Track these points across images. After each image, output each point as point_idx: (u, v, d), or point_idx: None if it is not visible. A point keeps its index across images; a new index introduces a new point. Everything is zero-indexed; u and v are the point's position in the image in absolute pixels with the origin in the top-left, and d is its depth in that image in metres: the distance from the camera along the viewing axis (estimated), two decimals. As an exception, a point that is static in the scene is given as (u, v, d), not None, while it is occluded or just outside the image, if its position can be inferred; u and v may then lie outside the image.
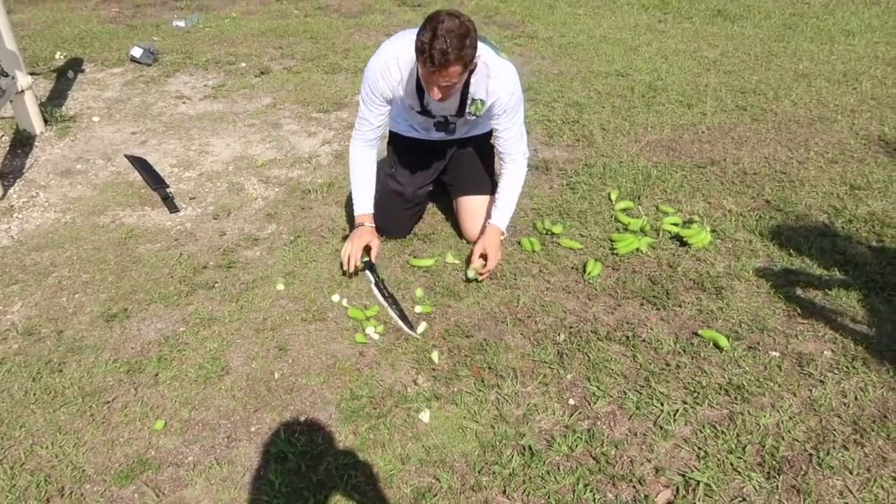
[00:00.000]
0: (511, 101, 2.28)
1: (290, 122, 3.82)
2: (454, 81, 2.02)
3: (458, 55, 1.92)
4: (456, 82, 2.04)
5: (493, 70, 2.21)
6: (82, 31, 5.37)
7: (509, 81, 2.24)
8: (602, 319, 2.25)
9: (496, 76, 2.22)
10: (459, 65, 1.95)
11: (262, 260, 2.59)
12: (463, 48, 1.92)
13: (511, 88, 2.25)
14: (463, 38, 1.92)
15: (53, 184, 3.19)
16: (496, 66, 2.21)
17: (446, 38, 1.89)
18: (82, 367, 2.06)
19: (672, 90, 4.12)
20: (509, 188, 2.49)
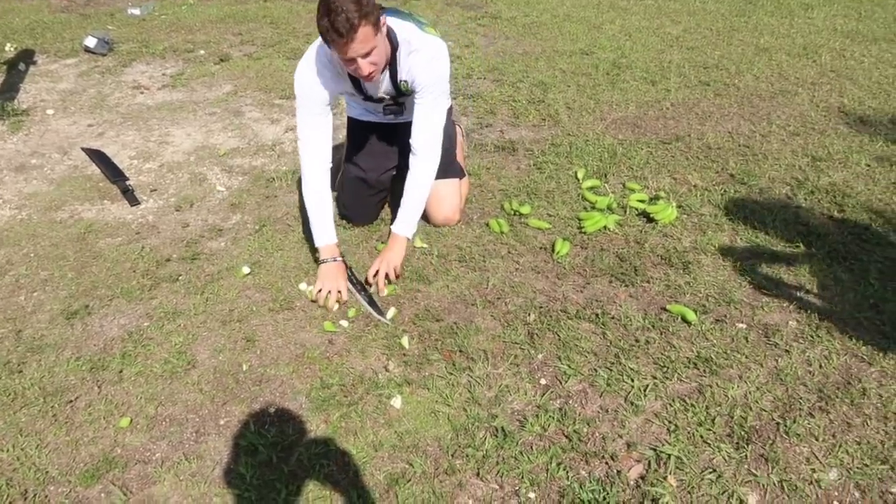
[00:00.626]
0: (429, 78, 2.15)
1: (253, 109, 3.75)
2: (372, 46, 1.90)
3: (361, 15, 1.80)
4: (374, 46, 1.91)
5: (413, 45, 2.12)
6: (33, 21, 5.20)
7: (428, 57, 2.13)
8: (571, 298, 2.25)
9: (416, 51, 2.12)
10: (367, 25, 1.84)
11: (227, 251, 2.55)
12: (361, 8, 1.80)
13: (428, 63, 2.13)
14: (358, 1, 1.80)
15: (8, 180, 3.09)
16: (417, 41, 2.12)
17: (342, 6, 1.79)
18: (43, 367, 2.00)
19: (636, 67, 4.13)
20: (417, 188, 2.31)
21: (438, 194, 2.60)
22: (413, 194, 2.33)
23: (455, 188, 2.63)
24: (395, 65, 2.17)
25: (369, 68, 1.95)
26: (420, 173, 2.32)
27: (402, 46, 2.12)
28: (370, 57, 1.93)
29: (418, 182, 2.32)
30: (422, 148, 2.28)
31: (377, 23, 1.89)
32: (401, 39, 2.11)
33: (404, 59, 2.15)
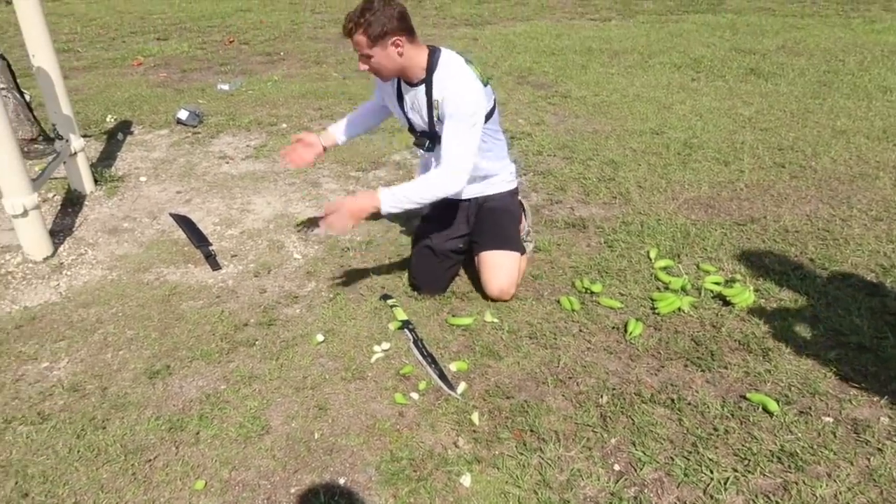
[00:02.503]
0: (458, 103, 2.32)
1: (329, 180, 3.90)
2: (366, 52, 2.27)
3: (358, 24, 2.21)
4: (369, 54, 2.27)
5: (452, 71, 2.38)
6: (132, 94, 5.61)
7: (461, 83, 2.35)
8: (645, 381, 2.20)
9: (452, 77, 2.37)
10: (361, 35, 2.22)
11: (301, 317, 2.61)
12: (363, 18, 2.20)
13: (460, 89, 2.34)
14: (366, 11, 2.20)
15: (101, 241, 3.28)
16: (457, 69, 2.38)
17: (355, 13, 2.22)
18: (125, 425, 2.07)
19: (708, 147, 4.12)
20: (421, 182, 2.40)
21: (495, 263, 2.62)
22: (416, 182, 2.44)
23: (514, 260, 2.65)
24: (430, 84, 2.39)
25: (362, 65, 2.34)
26: (432, 177, 2.39)
27: (440, 69, 2.38)
28: (368, 61, 2.31)
29: (428, 177, 2.41)
30: (444, 163, 2.36)
31: (377, 38, 2.23)
32: (441, 63, 2.39)
33: (439, 80, 2.39)
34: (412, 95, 2.48)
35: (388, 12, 2.22)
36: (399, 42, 2.27)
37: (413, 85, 2.44)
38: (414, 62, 2.36)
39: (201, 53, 6.95)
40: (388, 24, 2.22)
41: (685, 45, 6.64)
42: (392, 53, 2.29)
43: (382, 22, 2.21)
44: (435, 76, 2.38)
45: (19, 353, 2.45)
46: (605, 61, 6.19)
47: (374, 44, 2.24)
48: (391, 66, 2.34)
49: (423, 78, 2.40)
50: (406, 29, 2.29)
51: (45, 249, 3.12)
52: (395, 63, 2.33)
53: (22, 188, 2.95)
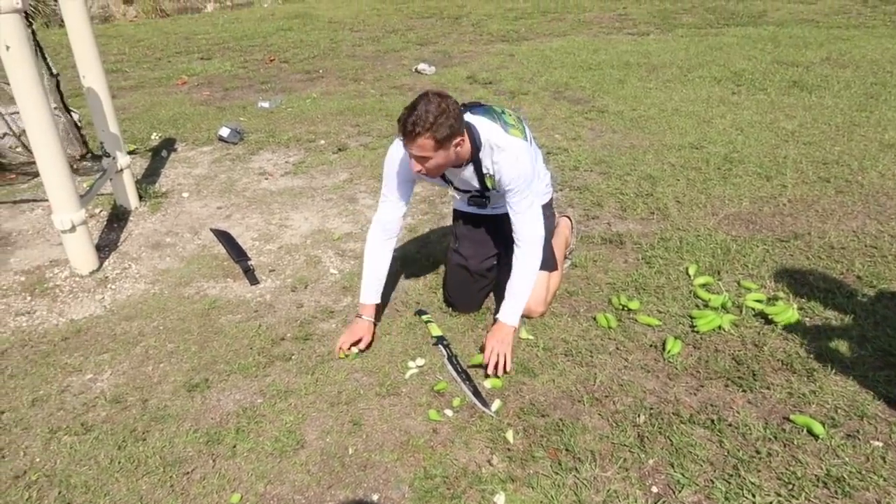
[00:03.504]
0: (514, 177, 2.28)
1: (366, 196, 3.94)
2: (427, 155, 2.11)
3: (426, 128, 2.04)
4: (430, 156, 2.12)
5: (497, 146, 2.28)
6: (176, 112, 5.77)
7: (512, 157, 2.27)
8: (684, 401, 2.16)
9: (499, 151, 2.28)
10: (429, 139, 2.06)
11: (337, 332, 2.63)
12: (434, 124, 2.04)
13: (513, 164, 2.27)
14: (437, 116, 2.04)
15: (145, 256, 3.37)
16: (502, 141, 2.28)
17: (420, 114, 2.04)
18: (164, 437, 2.11)
19: (749, 162, 4.04)
20: (521, 279, 2.37)
21: None
22: (517, 284, 2.39)
23: (545, 280, 2.62)
24: (478, 163, 2.33)
25: (416, 167, 2.18)
26: (524, 265, 2.39)
27: (485, 148, 2.29)
28: (426, 163, 2.15)
29: (522, 273, 2.39)
30: (524, 241, 2.38)
31: (444, 140, 2.09)
32: (484, 140, 2.29)
33: (487, 158, 2.31)
34: (457, 174, 2.39)
35: (452, 109, 2.08)
36: (461, 142, 2.17)
37: (458, 166, 2.34)
38: (463, 153, 2.25)
39: (243, 72, 7.12)
40: (455, 125, 2.10)
41: (725, 58, 6.55)
42: (452, 153, 2.17)
43: (450, 123, 2.07)
44: (482, 155, 2.31)
45: (65, 365, 2.52)
46: (643, 76, 6.14)
47: (439, 146, 2.10)
48: (448, 164, 2.22)
49: (469, 160, 2.31)
50: (462, 124, 2.16)
51: (91, 264, 3.21)
52: (452, 162, 2.22)
53: (70, 204, 3.04)
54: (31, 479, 1.97)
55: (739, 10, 9.07)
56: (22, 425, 2.21)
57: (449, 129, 2.08)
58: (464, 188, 2.51)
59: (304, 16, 10.33)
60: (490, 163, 2.31)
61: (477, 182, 2.41)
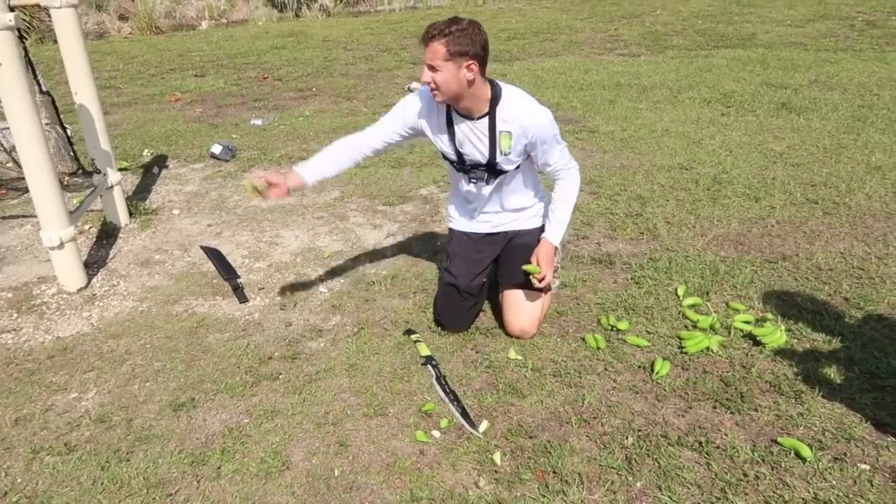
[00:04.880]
0: (538, 125, 2.35)
1: (357, 214, 3.94)
2: (439, 63, 2.19)
3: (442, 33, 2.16)
4: (440, 67, 2.19)
5: (521, 104, 2.36)
6: (169, 129, 5.77)
7: (533, 106, 2.36)
8: (672, 423, 2.15)
9: (524, 109, 2.35)
10: (441, 45, 2.16)
11: (325, 352, 2.62)
12: (449, 29, 2.16)
13: (538, 117, 2.35)
14: (458, 29, 2.16)
15: (133, 273, 3.35)
16: (522, 96, 2.38)
17: (442, 22, 2.19)
18: (149, 458, 2.09)
19: (738, 183, 4.07)
20: (563, 201, 2.54)
21: (519, 301, 2.61)
22: (560, 207, 2.55)
23: (539, 301, 2.63)
24: (494, 115, 2.36)
25: (426, 77, 2.24)
26: (564, 188, 2.53)
27: (504, 99, 2.36)
28: (435, 73, 2.22)
29: (563, 196, 2.54)
30: (561, 170, 2.50)
31: (455, 55, 2.18)
32: (505, 96, 2.36)
33: (504, 108, 2.35)
34: (467, 128, 2.41)
35: (475, 35, 2.20)
36: (473, 67, 2.21)
37: (472, 118, 2.38)
38: (478, 94, 2.31)
39: (236, 89, 7.14)
40: (472, 47, 2.18)
41: (715, 80, 6.62)
42: (461, 75, 2.22)
43: (467, 41, 2.17)
44: (499, 109, 2.35)
45: (50, 384, 2.49)
46: (634, 96, 6.20)
47: (450, 58, 2.18)
48: (454, 87, 2.25)
49: (485, 111, 2.36)
50: (483, 59, 2.25)
51: (79, 281, 3.19)
52: (459, 86, 2.25)
53: (59, 221, 3.03)
54: (11, 500, 1.94)
55: (729, 32, 9.19)
56: (4, 445, 2.18)
57: (464, 46, 2.17)
58: (469, 158, 2.47)
59: (298, 34, 10.39)
60: (507, 117, 2.35)
61: (487, 143, 2.40)
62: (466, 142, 2.44)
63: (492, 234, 2.69)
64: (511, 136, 2.37)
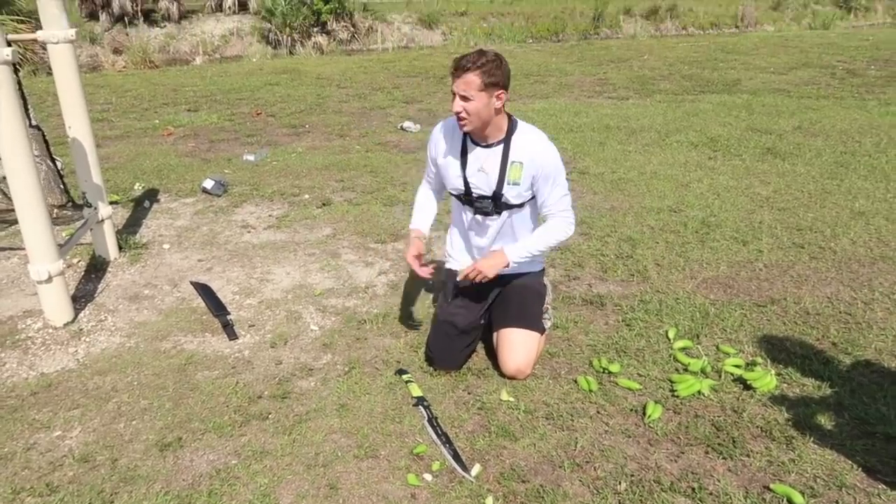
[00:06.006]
0: (547, 160, 2.47)
1: (349, 252, 3.95)
2: (471, 93, 2.29)
3: (476, 65, 2.28)
4: (473, 97, 2.30)
5: (534, 136, 2.49)
6: (161, 163, 5.78)
7: (548, 147, 2.49)
8: (665, 468, 2.14)
9: (537, 141, 2.48)
10: (477, 75, 2.28)
11: (316, 391, 2.60)
12: (484, 62, 2.28)
13: (550, 153, 2.48)
14: (486, 55, 2.30)
15: (122, 308, 3.32)
16: (537, 135, 2.50)
17: (475, 54, 2.32)
18: (133, 499, 2.04)
19: (726, 226, 4.13)
20: (542, 233, 2.59)
21: (514, 341, 2.61)
22: (537, 235, 2.60)
23: (533, 340, 2.64)
24: (508, 144, 2.46)
25: (457, 107, 2.35)
26: (550, 225, 2.58)
27: (519, 130, 2.50)
28: (467, 103, 2.32)
29: (545, 229, 2.59)
30: (556, 214, 2.56)
31: (489, 86, 2.30)
32: (520, 127, 2.51)
33: (518, 138, 2.48)
34: (481, 155, 2.51)
35: (504, 66, 2.35)
36: (502, 96, 2.36)
37: (487, 145, 2.49)
38: (499, 123, 2.45)
39: (229, 125, 7.18)
40: (502, 78, 2.33)
41: (702, 124, 6.75)
42: (492, 105, 2.35)
43: (499, 72, 2.31)
44: (514, 138, 2.47)
45: (33, 421, 2.45)
46: (623, 139, 6.30)
47: (484, 88, 2.30)
48: (485, 116, 2.37)
49: (501, 139, 2.48)
50: (508, 89, 2.39)
51: (65, 315, 3.15)
52: (488, 115, 2.38)
53: (48, 255, 3.01)
54: (-10, 543, 1.89)
55: (714, 78, 9.41)
56: (-16, 484, 2.13)
57: (496, 77, 2.30)
58: (476, 188, 2.55)
59: (292, 71, 10.51)
60: (520, 147, 2.46)
61: (497, 173, 2.49)
62: (477, 171, 2.52)
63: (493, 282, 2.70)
64: (522, 167, 2.46)
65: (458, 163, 2.55)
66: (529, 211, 2.61)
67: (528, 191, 2.52)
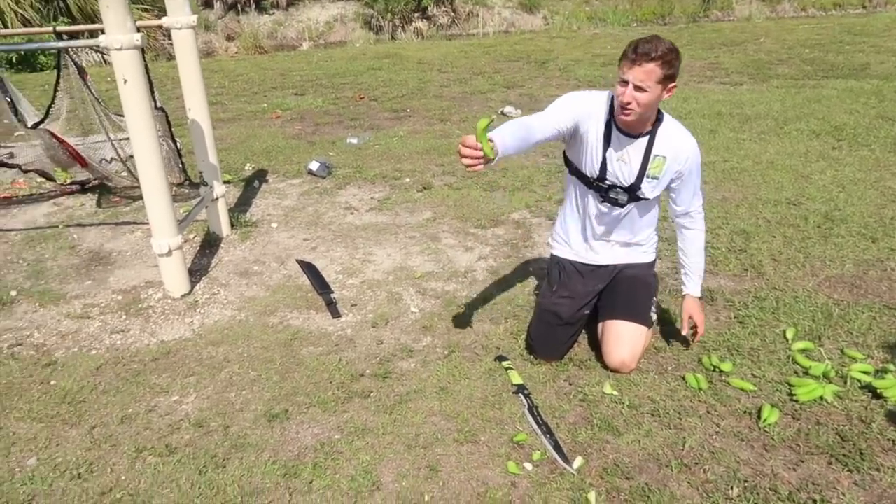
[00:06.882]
0: (693, 160, 2.39)
1: (449, 236, 3.95)
2: (648, 84, 2.12)
3: (660, 55, 2.09)
4: (648, 88, 2.12)
5: (678, 131, 2.37)
6: (269, 145, 5.99)
7: (693, 143, 2.39)
8: (782, 476, 2.01)
9: (681, 136, 2.37)
10: (659, 66, 2.10)
11: (416, 373, 2.61)
12: (666, 52, 2.10)
13: (695, 149, 2.39)
14: (665, 43, 2.11)
15: (233, 283, 3.47)
16: (682, 129, 2.39)
17: (658, 42, 2.11)
18: (243, 466, 2.13)
19: (852, 222, 3.83)
20: (695, 252, 2.57)
21: (621, 333, 2.52)
22: (697, 260, 2.59)
23: (641, 334, 2.54)
24: (653, 136, 2.33)
25: (628, 97, 2.16)
26: (698, 237, 2.57)
27: (665, 122, 2.35)
28: (638, 93, 2.15)
29: (698, 246, 2.58)
30: (691, 212, 2.52)
31: (667, 78, 2.15)
32: (667, 119, 2.36)
33: (664, 132, 2.34)
34: (624, 143, 2.34)
35: (680, 58, 2.18)
36: (672, 90, 2.21)
37: (633, 136, 2.33)
38: (652, 115, 2.31)
39: (334, 108, 7.35)
40: (678, 71, 2.18)
41: (824, 111, 6.29)
42: (661, 98, 2.20)
43: (677, 65, 2.16)
44: (659, 131, 2.34)
45: (153, 385, 2.60)
46: (736, 126, 5.97)
47: (661, 80, 2.14)
48: (651, 108, 2.24)
49: (647, 130, 2.33)
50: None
51: (183, 287, 3.33)
52: (654, 108, 2.26)
53: (169, 230, 3.18)
54: (116, 496, 2.02)
55: (839, 62, 8.75)
56: (111, 442, 2.28)
57: (675, 70, 2.15)
58: (612, 176, 2.39)
59: (394, 56, 10.63)
60: (665, 140, 2.34)
61: (639, 163, 2.36)
62: (618, 160, 2.37)
63: (601, 266, 2.63)
64: (665, 161, 2.35)
65: (600, 146, 2.35)
66: (654, 203, 2.52)
67: (666, 185, 2.42)
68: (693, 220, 2.54)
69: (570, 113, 2.29)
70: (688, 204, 2.49)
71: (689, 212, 2.52)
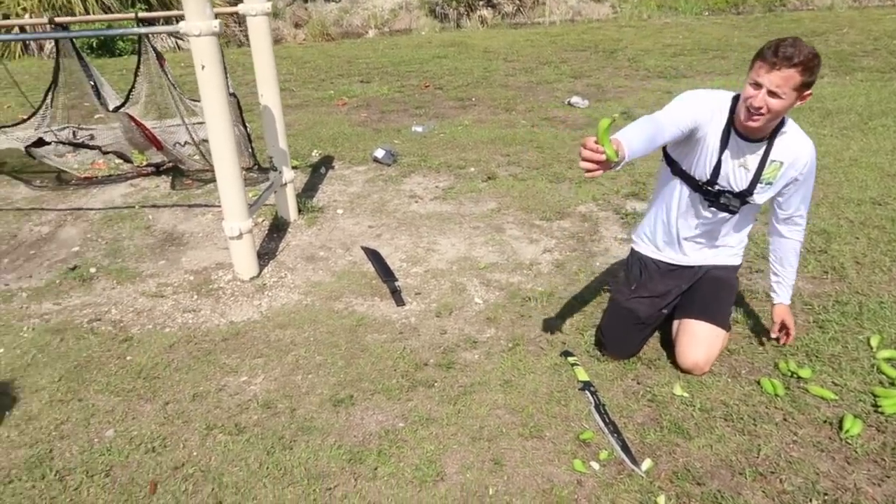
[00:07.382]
0: (811, 167, 2.27)
1: (513, 227, 3.91)
2: (784, 91, 1.99)
3: (802, 60, 1.95)
4: (784, 94, 1.99)
5: (800, 137, 2.23)
6: (336, 132, 6.06)
7: (813, 150, 2.25)
8: (865, 491, 1.91)
9: (802, 143, 2.22)
10: (799, 72, 1.96)
11: (479, 364, 2.60)
12: (812, 59, 1.96)
13: (813, 155, 2.25)
14: (807, 48, 1.96)
15: (299, 267, 3.52)
16: (803, 135, 2.24)
17: (802, 46, 1.96)
18: (309, 448, 2.16)
19: (944, 225, 3.61)
20: (792, 261, 2.47)
21: (696, 333, 2.44)
22: (791, 271, 2.49)
23: (718, 338, 2.46)
24: (772, 142, 2.19)
25: (761, 102, 2.02)
26: (795, 246, 2.46)
27: (786, 127, 2.20)
28: (771, 99, 2.01)
29: (796, 250, 2.47)
30: (797, 217, 2.41)
31: (805, 86, 2.01)
32: (788, 123, 2.21)
33: (784, 137, 2.21)
34: (742, 148, 2.22)
35: (820, 66, 2.03)
36: (807, 98, 2.08)
37: (752, 140, 2.21)
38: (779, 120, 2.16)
39: (399, 96, 7.37)
40: (816, 78, 2.03)
41: (913, 107, 5.95)
42: (794, 106, 2.07)
43: (817, 72, 2.01)
44: (779, 137, 2.20)
45: (223, 365, 2.66)
46: (816, 121, 5.70)
47: (799, 87, 2.00)
48: (782, 115, 2.12)
49: (766, 136, 2.20)
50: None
51: (252, 270, 3.40)
52: (783, 115, 2.12)
53: (240, 213, 3.25)
54: (188, 471, 2.08)
55: (930, 54, 8.26)
56: (183, 418, 2.35)
57: (815, 77, 2.01)
58: (723, 181, 2.27)
59: (459, 44, 10.58)
60: (785, 146, 2.21)
61: (755, 169, 2.23)
62: (735, 165, 2.25)
63: (686, 266, 2.55)
64: (781, 167, 2.23)
65: (717, 149, 2.23)
66: (758, 208, 2.43)
67: (781, 189, 2.29)
68: (794, 227, 2.43)
69: (692, 113, 2.17)
70: (794, 210, 2.38)
71: (792, 217, 2.40)
